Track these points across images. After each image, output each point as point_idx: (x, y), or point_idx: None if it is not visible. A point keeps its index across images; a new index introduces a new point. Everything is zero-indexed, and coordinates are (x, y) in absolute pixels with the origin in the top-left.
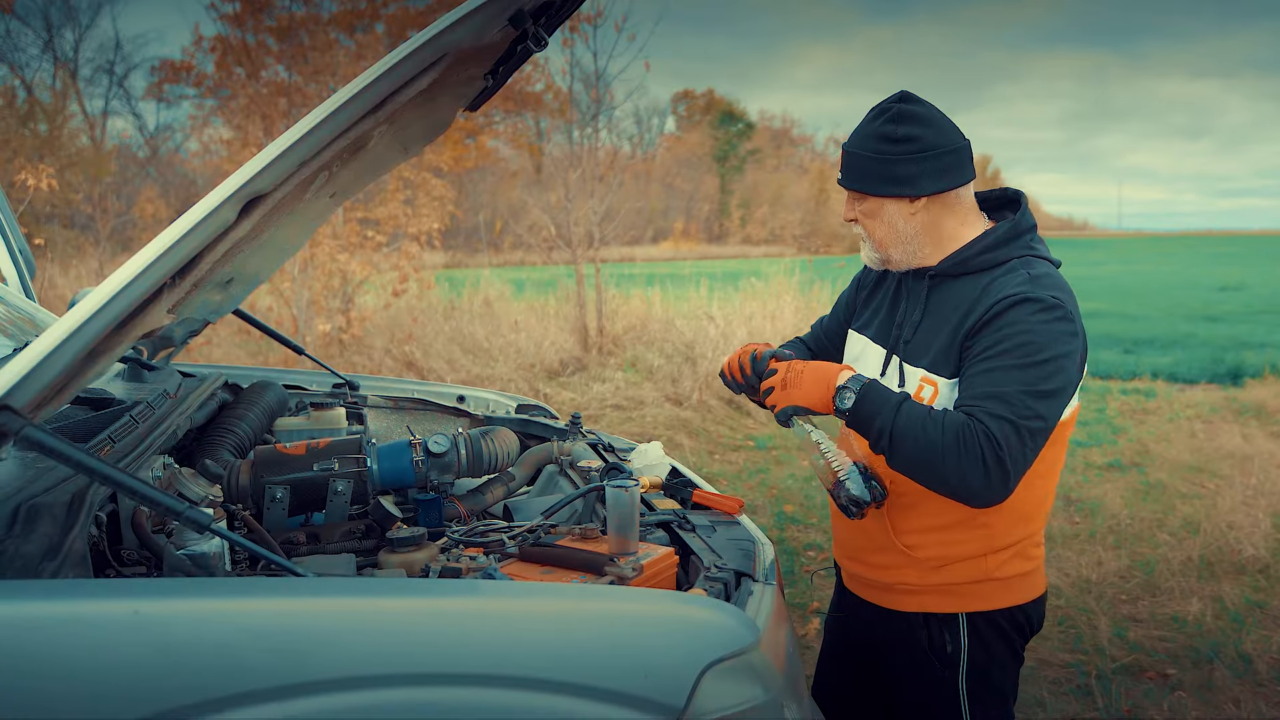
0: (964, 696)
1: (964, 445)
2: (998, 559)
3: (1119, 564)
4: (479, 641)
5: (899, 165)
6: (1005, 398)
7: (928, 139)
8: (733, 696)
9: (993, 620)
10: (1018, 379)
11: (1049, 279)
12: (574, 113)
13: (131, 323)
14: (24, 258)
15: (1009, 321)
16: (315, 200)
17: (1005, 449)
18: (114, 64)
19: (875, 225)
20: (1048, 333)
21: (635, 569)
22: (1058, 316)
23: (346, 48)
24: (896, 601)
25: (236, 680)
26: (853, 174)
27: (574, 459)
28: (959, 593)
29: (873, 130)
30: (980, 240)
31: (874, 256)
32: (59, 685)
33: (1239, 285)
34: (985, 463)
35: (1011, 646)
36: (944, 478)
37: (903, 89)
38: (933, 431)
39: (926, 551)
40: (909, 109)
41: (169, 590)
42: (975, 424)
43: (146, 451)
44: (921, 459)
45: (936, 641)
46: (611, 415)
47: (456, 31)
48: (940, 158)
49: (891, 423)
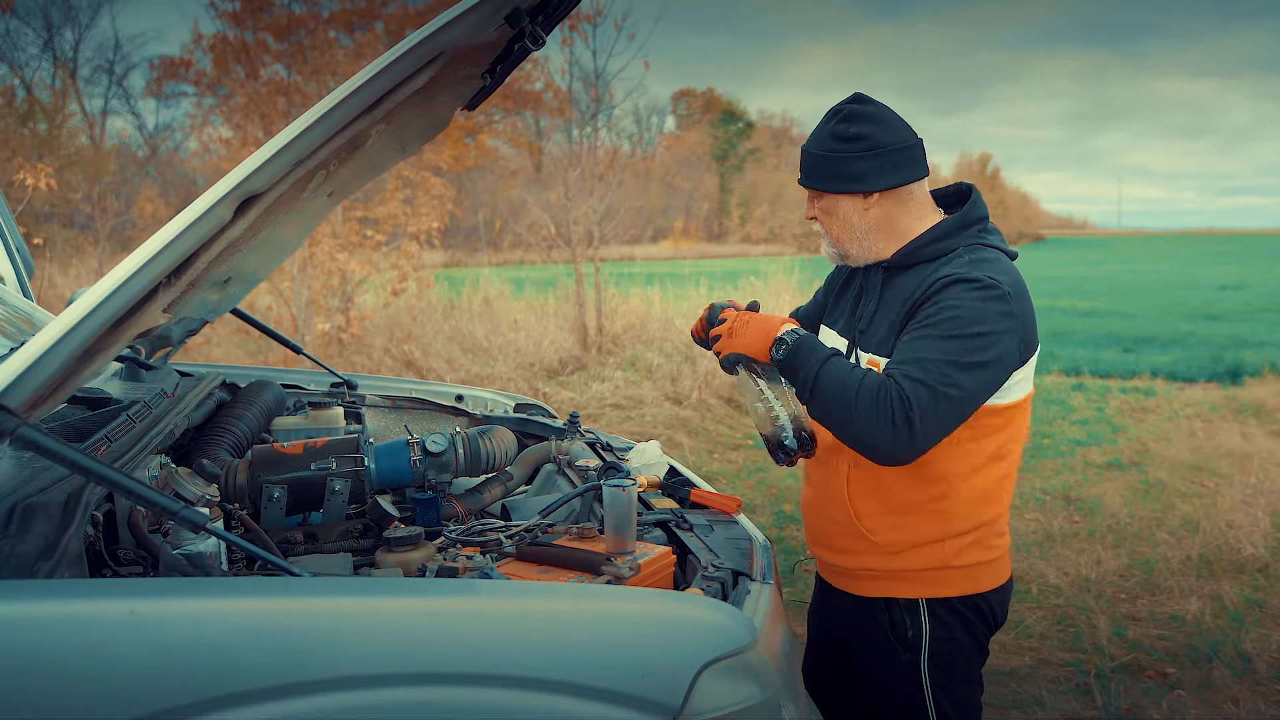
0: (927, 682)
1: (877, 401)
2: (956, 545)
3: (1118, 563)
4: (475, 641)
5: (852, 163)
6: (924, 363)
7: (879, 137)
8: (730, 696)
9: (953, 607)
10: (941, 348)
11: (992, 264)
12: (573, 111)
13: (127, 322)
14: (22, 257)
15: (943, 299)
16: (313, 199)
17: (916, 410)
18: (113, 63)
19: (832, 221)
20: (979, 309)
21: (632, 568)
22: (992, 296)
23: (346, 47)
24: (861, 587)
25: (232, 680)
26: (809, 173)
27: (572, 458)
28: (919, 579)
29: (827, 131)
30: (929, 232)
31: (832, 252)
32: (54, 685)
33: (1238, 284)
34: (894, 421)
35: (974, 635)
36: (855, 429)
37: (857, 91)
38: (850, 385)
39: (885, 536)
40: (860, 109)
41: (165, 590)
42: (891, 384)
43: (143, 451)
44: (836, 409)
45: (898, 627)
46: (611, 414)
47: (453, 30)
48: (891, 155)
49: (816, 372)
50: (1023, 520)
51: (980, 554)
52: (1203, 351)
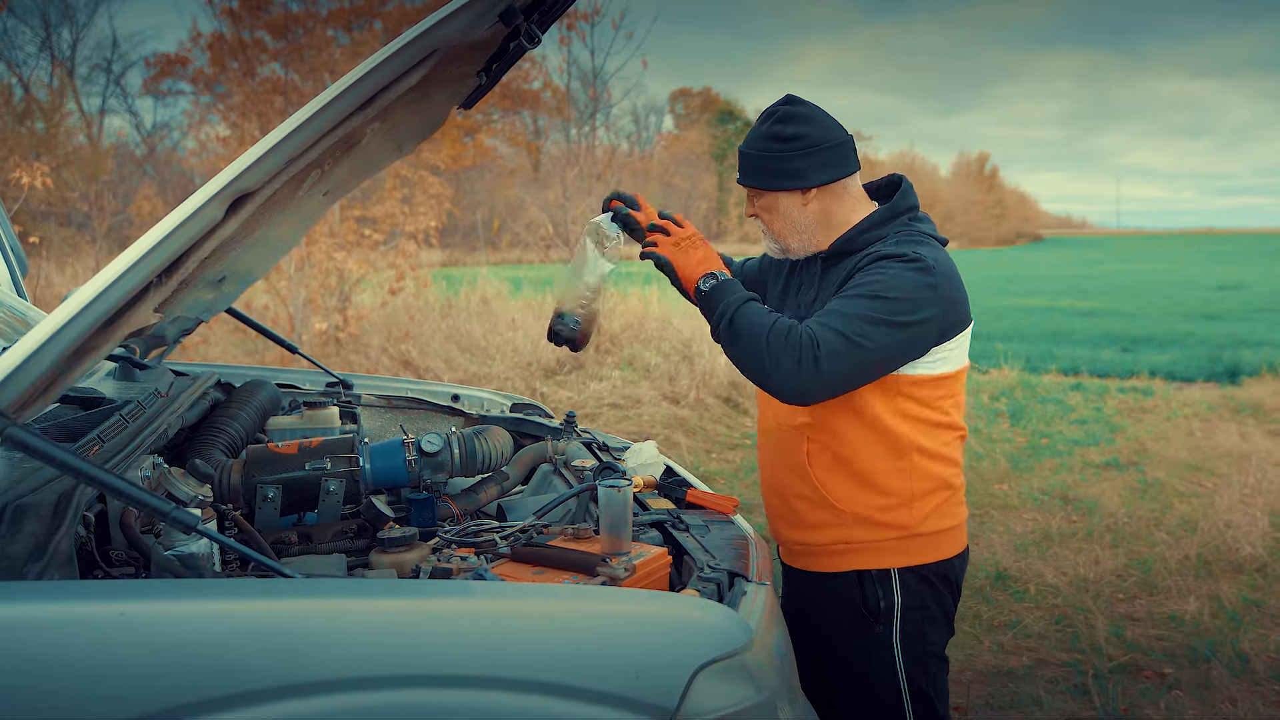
0: (899, 655)
1: (787, 339)
2: (922, 507)
3: (1116, 563)
4: (469, 643)
5: (789, 161)
6: (840, 314)
7: (813, 136)
8: (726, 697)
9: (922, 575)
10: (859, 306)
11: (919, 244)
12: (571, 111)
13: (117, 322)
14: (16, 256)
15: (870, 270)
16: (308, 198)
17: (823, 350)
18: (111, 62)
19: (773, 218)
20: (901, 278)
21: (628, 569)
22: (916, 268)
23: (343, 45)
24: (832, 563)
25: (223, 683)
26: (749, 173)
27: (568, 458)
28: (889, 548)
29: (763, 132)
30: (862, 222)
31: (774, 247)
32: (43, 688)
33: (1237, 284)
34: (800, 358)
35: (941, 605)
36: (760, 363)
37: (788, 93)
38: (764, 323)
39: (852, 504)
40: (794, 110)
41: (155, 591)
42: (804, 328)
43: (136, 451)
44: (747, 344)
45: (870, 599)
46: (609, 414)
47: (446, 27)
48: (825, 152)
49: (735, 309)
50: (1020, 520)
51: (943, 520)
52: (1201, 351)
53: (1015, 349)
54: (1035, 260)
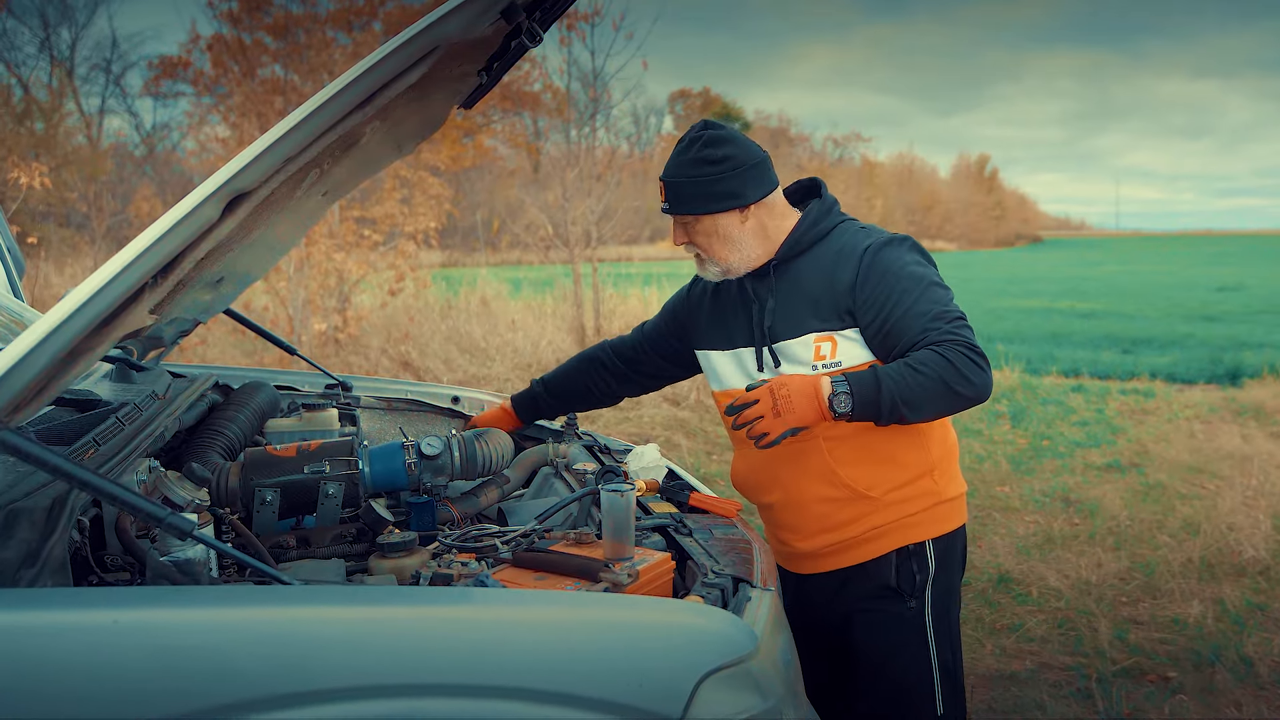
0: (931, 631)
1: (956, 363)
2: (944, 476)
3: (1119, 565)
4: (470, 651)
5: (725, 182)
6: (942, 314)
7: (741, 156)
8: (731, 705)
9: (946, 545)
10: (932, 297)
11: (875, 228)
12: (571, 112)
13: (112, 323)
14: (13, 257)
15: (885, 267)
16: (307, 198)
17: (977, 346)
18: (110, 62)
19: (713, 241)
20: (915, 262)
21: (631, 575)
22: (909, 245)
23: (343, 46)
24: (868, 550)
25: (220, 691)
26: (683, 201)
27: (570, 461)
28: (921, 520)
29: (691, 158)
30: (804, 222)
31: (715, 270)
32: (36, 697)
33: (1237, 285)
34: (976, 363)
35: (958, 576)
36: (960, 395)
37: (705, 119)
38: (929, 372)
39: (882, 486)
40: (718, 134)
41: (151, 598)
42: (947, 344)
43: (132, 455)
44: (937, 398)
45: (904, 574)
46: (609, 415)
47: (447, 24)
48: (754, 169)
49: (895, 393)
50: (1022, 522)
51: (957, 485)
52: (1202, 353)
53: (1016, 350)
54: (1035, 262)
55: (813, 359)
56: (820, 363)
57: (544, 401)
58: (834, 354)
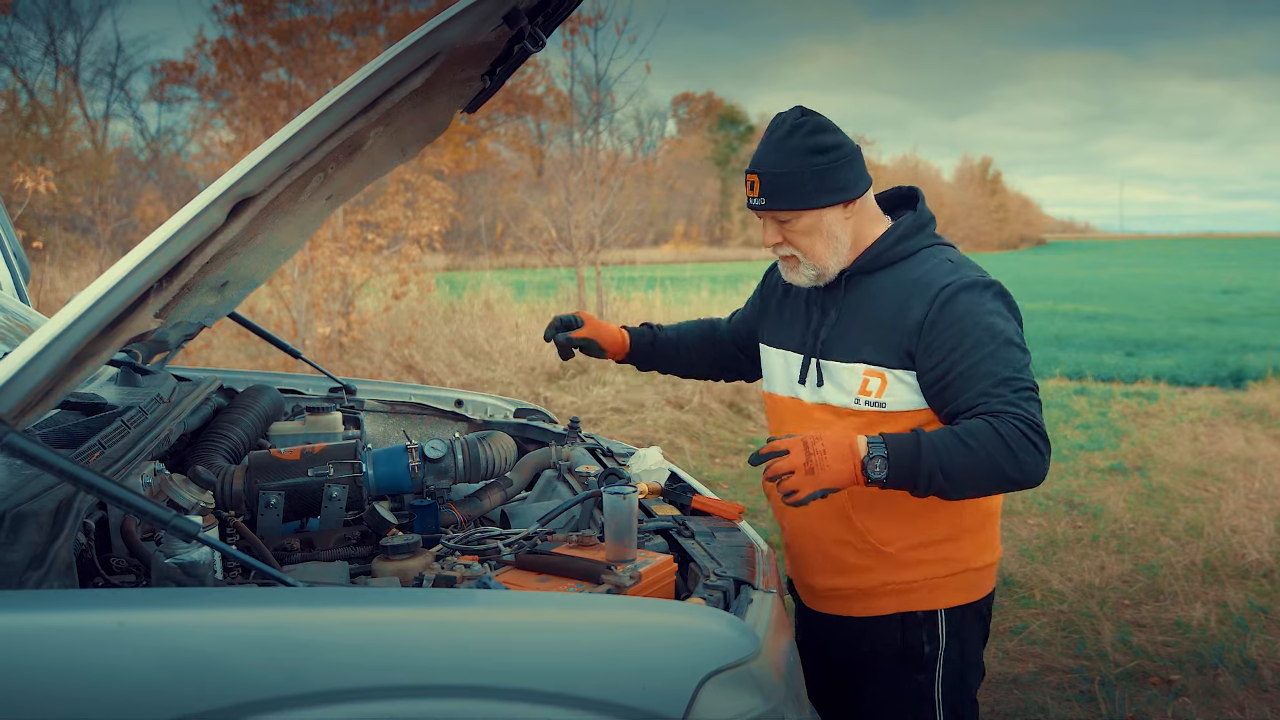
0: (939, 705)
1: (1010, 441)
2: (972, 543)
3: (1122, 568)
4: (473, 652)
5: (836, 173)
6: (1009, 381)
7: (846, 144)
8: (732, 707)
9: (966, 615)
10: (1004, 360)
11: (967, 263)
12: (575, 115)
13: (117, 327)
14: (19, 261)
15: (961, 313)
16: (311, 202)
17: (1038, 423)
18: (115, 66)
19: (813, 240)
20: (997, 312)
21: (633, 577)
22: (996, 293)
23: (347, 50)
24: (873, 606)
25: (225, 693)
26: (787, 195)
27: (573, 464)
28: (937, 586)
29: (796, 145)
30: (891, 233)
31: (810, 273)
32: (42, 698)
33: (1241, 288)
34: (1034, 443)
35: (979, 645)
36: (1007, 478)
37: (797, 105)
38: (977, 447)
39: (898, 543)
40: (819, 119)
41: (156, 600)
42: (1005, 416)
43: (137, 458)
44: (982, 477)
45: (913, 643)
46: (612, 418)
47: (450, 29)
48: (857, 159)
49: (936, 465)
50: (1025, 525)
51: (990, 554)
52: (1205, 355)
53: None
54: (1038, 264)
55: (858, 391)
56: (865, 398)
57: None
58: (881, 392)
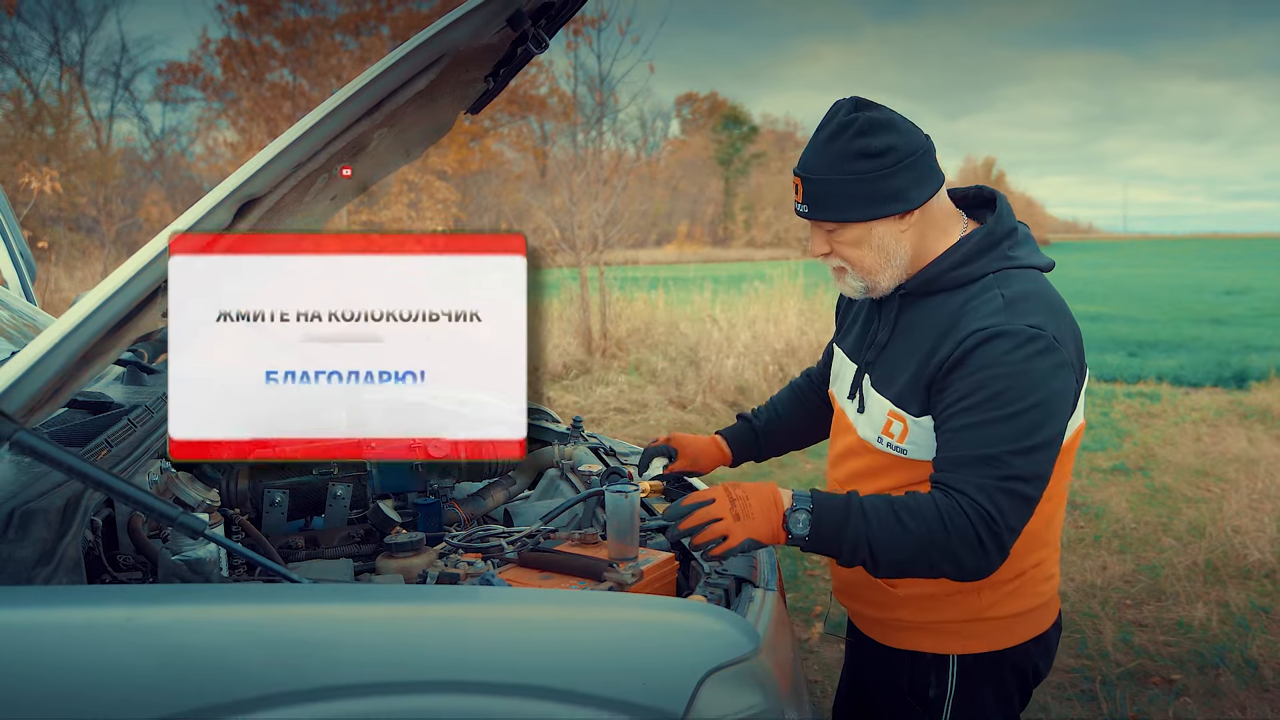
0: None
1: (954, 533)
2: (994, 595)
3: (1124, 568)
4: (476, 648)
5: (887, 181)
6: (991, 460)
7: (905, 145)
8: (733, 704)
9: (984, 663)
10: (1000, 435)
11: (1027, 301)
12: (578, 116)
13: (125, 327)
14: (25, 260)
15: (984, 363)
16: (316, 203)
17: (1001, 522)
18: (120, 67)
19: (864, 253)
20: (1028, 373)
21: (635, 575)
22: (1038, 350)
23: (351, 51)
24: (889, 637)
25: (230, 688)
26: (829, 204)
27: (575, 463)
28: (946, 631)
29: (842, 148)
30: (951, 254)
31: (858, 286)
32: (50, 693)
33: (1244, 288)
34: (981, 542)
35: (1003, 694)
36: (935, 567)
37: (854, 96)
38: (914, 528)
39: (910, 588)
40: (874, 116)
41: (163, 597)
42: (959, 500)
43: (144, 456)
44: (908, 559)
45: (918, 685)
46: (615, 418)
47: (454, 32)
48: (920, 161)
49: (865, 534)
50: None
51: (1021, 603)
52: (1208, 356)
53: None
54: None
55: (881, 431)
56: (887, 439)
57: (759, 437)
58: (902, 438)
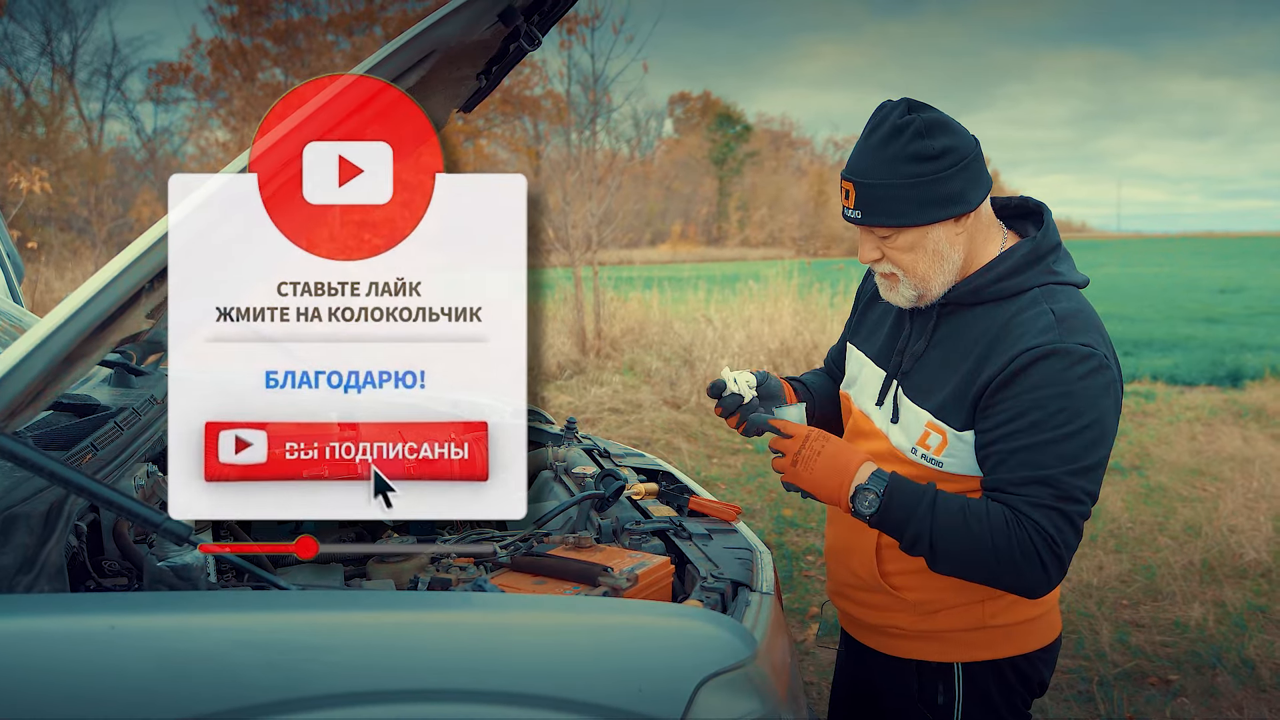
0: None
1: (1017, 544)
2: (997, 604)
3: (1120, 568)
4: (468, 655)
5: (945, 183)
6: (1050, 482)
7: (961, 146)
8: (730, 710)
9: (992, 670)
10: (1058, 455)
11: (1077, 317)
12: (571, 115)
13: (109, 328)
14: (12, 261)
15: (1039, 382)
16: None
17: (1060, 542)
18: (111, 66)
19: (918, 258)
20: (1083, 393)
21: (630, 579)
22: (1091, 369)
23: (343, 50)
24: (888, 645)
25: (219, 697)
26: (885, 208)
27: (569, 464)
28: (953, 640)
29: (899, 151)
30: (996, 265)
31: (910, 294)
32: (32, 704)
33: (1239, 287)
34: (1042, 560)
35: (1012, 702)
36: (996, 578)
37: (904, 97)
38: (979, 531)
39: (916, 594)
40: (931, 118)
41: (148, 604)
42: (1024, 520)
43: (130, 459)
44: (970, 562)
45: (928, 692)
46: (609, 419)
47: (445, 27)
48: (974, 163)
49: (930, 528)
50: None
51: (1025, 611)
52: (1203, 355)
53: None
54: None
55: (916, 442)
56: (922, 450)
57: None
58: (940, 450)
